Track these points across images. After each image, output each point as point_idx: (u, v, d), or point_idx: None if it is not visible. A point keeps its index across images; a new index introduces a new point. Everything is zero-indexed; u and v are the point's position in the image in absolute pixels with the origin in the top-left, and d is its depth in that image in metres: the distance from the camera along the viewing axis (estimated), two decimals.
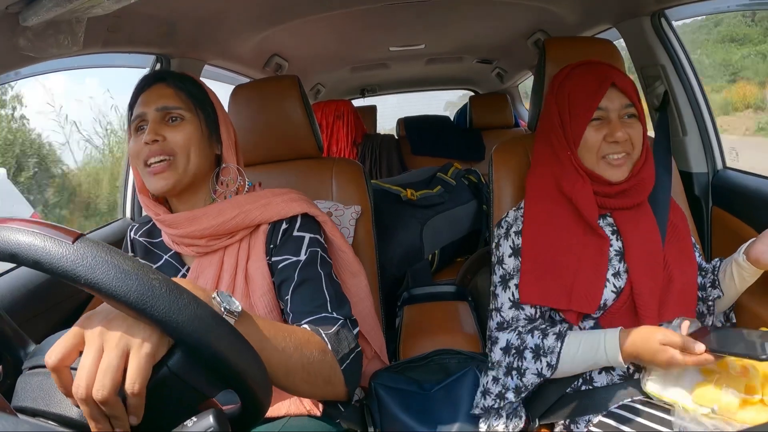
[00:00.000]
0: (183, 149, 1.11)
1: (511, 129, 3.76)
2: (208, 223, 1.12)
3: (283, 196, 1.19)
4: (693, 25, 2.91)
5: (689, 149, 1.80)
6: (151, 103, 1.12)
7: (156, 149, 1.10)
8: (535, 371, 1.13)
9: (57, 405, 0.60)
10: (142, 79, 1.17)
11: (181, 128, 1.12)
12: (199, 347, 0.58)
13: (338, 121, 3.43)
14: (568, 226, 1.21)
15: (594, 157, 1.20)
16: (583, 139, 1.20)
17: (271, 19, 2.04)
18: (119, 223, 1.92)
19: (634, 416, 1.07)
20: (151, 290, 0.55)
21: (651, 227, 1.22)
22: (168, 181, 1.10)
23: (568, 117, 1.22)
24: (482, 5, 2.25)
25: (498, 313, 1.24)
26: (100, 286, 0.54)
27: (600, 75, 1.21)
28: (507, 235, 1.28)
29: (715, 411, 0.98)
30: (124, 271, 0.55)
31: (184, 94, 1.14)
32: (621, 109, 1.19)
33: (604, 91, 1.18)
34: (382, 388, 1.26)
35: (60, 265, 0.54)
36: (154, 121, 1.11)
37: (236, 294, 1.12)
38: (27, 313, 1.29)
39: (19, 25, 1.03)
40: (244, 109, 1.56)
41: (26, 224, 0.56)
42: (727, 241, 1.65)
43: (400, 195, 2.18)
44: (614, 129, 1.17)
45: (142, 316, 0.56)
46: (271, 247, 1.16)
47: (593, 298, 1.17)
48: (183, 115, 1.13)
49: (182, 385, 0.61)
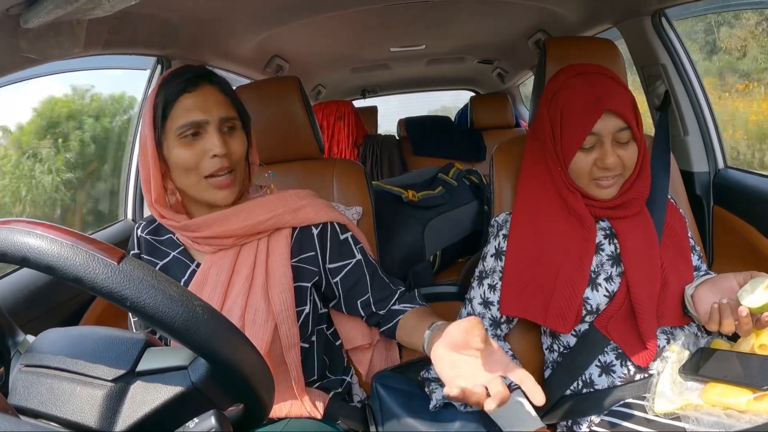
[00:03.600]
0: (241, 161, 1.11)
1: (512, 129, 3.76)
2: (239, 224, 1.11)
3: (311, 201, 1.21)
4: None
5: (690, 148, 1.80)
6: (210, 109, 1.05)
7: (225, 163, 1.06)
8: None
9: (70, 411, 0.60)
10: (183, 77, 1.07)
11: (238, 139, 1.10)
12: (230, 369, 0.60)
13: (339, 122, 3.43)
14: (552, 239, 1.20)
15: (585, 179, 1.18)
16: (573, 161, 1.16)
17: (271, 20, 2.04)
18: (121, 225, 1.92)
19: (638, 413, 1.06)
20: (195, 317, 0.57)
21: (648, 230, 1.21)
22: (233, 195, 1.10)
23: (559, 135, 1.18)
24: (483, 5, 2.25)
25: (469, 303, 1.29)
26: (146, 310, 0.55)
27: (594, 97, 1.13)
28: (496, 236, 1.29)
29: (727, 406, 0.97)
30: (171, 297, 0.56)
31: (232, 100, 1.11)
32: (615, 132, 1.13)
33: (596, 117, 1.11)
34: (383, 388, 1.25)
35: (105, 285, 0.54)
36: (214, 133, 1.05)
37: (255, 286, 1.13)
38: (29, 313, 1.29)
39: (20, 27, 1.03)
40: None
41: (64, 235, 0.55)
42: (728, 240, 1.65)
43: (401, 196, 2.18)
44: (605, 155, 1.13)
45: (182, 340, 0.57)
46: (318, 252, 1.20)
47: (567, 318, 1.15)
48: (236, 124, 1.10)
49: (200, 398, 0.62)
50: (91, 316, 1.48)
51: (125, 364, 0.63)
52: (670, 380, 1.04)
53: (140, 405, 0.61)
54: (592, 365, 1.17)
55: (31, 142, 2.58)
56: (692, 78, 1.80)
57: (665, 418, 1.02)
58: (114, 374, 0.62)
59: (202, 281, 1.12)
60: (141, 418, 0.60)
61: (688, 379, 1.03)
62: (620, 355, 1.15)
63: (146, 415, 0.61)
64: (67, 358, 0.63)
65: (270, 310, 1.11)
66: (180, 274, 1.16)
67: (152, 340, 0.67)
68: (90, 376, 0.61)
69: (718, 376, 0.98)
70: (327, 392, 1.24)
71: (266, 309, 1.11)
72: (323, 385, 1.24)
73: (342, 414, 1.22)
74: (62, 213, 2.72)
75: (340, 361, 1.31)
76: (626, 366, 1.14)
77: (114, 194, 2.27)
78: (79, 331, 0.70)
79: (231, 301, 1.11)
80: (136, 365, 0.63)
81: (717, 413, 0.96)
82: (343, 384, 1.29)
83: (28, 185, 2.51)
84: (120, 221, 1.98)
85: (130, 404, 0.61)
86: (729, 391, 0.97)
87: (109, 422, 0.60)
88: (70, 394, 0.61)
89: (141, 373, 0.63)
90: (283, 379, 1.14)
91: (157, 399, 0.61)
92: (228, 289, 1.12)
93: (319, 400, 1.18)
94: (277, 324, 1.11)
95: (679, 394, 1.02)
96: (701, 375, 1.01)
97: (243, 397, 0.65)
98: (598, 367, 1.16)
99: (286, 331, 1.12)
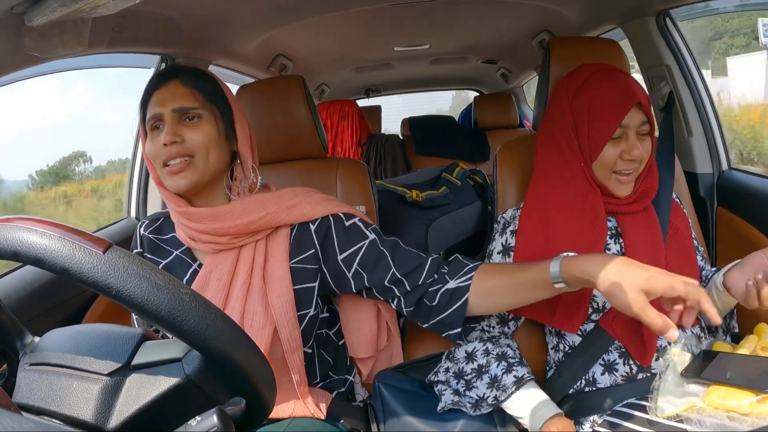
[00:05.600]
0: (202, 149, 1.10)
1: (515, 129, 3.76)
2: (233, 222, 1.11)
3: (307, 197, 1.19)
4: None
5: (694, 150, 1.80)
6: (167, 102, 1.10)
7: (175, 151, 1.09)
8: (480, 395, 1.15)
9: (68, 405, 0.60)
10: (154, 77, 1.15)
11: (199, 127, 1.10)
12: (222, 359, 0.59)
13: (343, 122, 3.43)
14: (561, 237, 1.21)
15: (607, 172, 1.20)
16: (601, 154, 1.19)
17: (276, 19, 2.04)
18: (124, 223, 1.93)
19: (640, 413, 1.06)
20: (181, 305, 0.56)
21: (653, 229, 1.21)
22: (187, 180, 1.10)
23: (586, 129, 1.20)
24: (487, 5, 2.25)
25: None
26: (131, 299, 0.54)
27: (625, 91, 1.18)
28: (502, 232, 1.29)
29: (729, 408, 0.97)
30: (156, 285, 0.55)
31: (199, 91, 1.12)
32: (639, 126, 1.18)
33: (628, 109, 1.16)
34: (386, 387, 1.26)
35: (90, 275, 0.54)
36: (171, 122, 1.09)
37: (252, 291, 1.12)
38: (32, 311, 1.29)
39: (24, 26, 1.04)
40: (249, 109, 1.56)
41: (53, 228, 0.55)
42: (732, 242, 1.64)
43: (405, 196, 2.18)
44: (632, 147, 1.17)
45: (169, 329, 0.57)
46: (319, 249, 1.17)
47: (575, 318, 1.17)
48: (200, 113, 1.11)
49: (197, 392, 0.62)
50: (93, 313, 1.48)
51: (120, 357, 0.63)
52: (673, 383, 1.04)
53: (135, 398, 0.61)
54: (596, 364, 1.17)
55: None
56: (696, 79, 1.80)
57: (668, 420, 1.02)
58: (109, 368, 0.62)
59: (203, 286, 1.12)
60: (136, 412, 0.60)
61: (690, 382, 1.02)
62: (623, 354, 1.15)
63: (141, 408, 0.61)
64: (67, 354, 0.64)
65: (268, 314, 1.11)
66: (182, 273, 1.17)
67: (150, 334, 0.67)
68: (87, 370, 0.62)
69: (720, 379, 0.97)
70: (330, 392, 1.24)
71: (264, 313, 1.11)
72: (326, 385, 1.25)
73: (345, 414, 1.22)
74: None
75: (343, 361, 1.31)
76: (629, 365, 1.15)
77: None
78: (80, 329, 0.70)
79: (230, 306, 1.11)
80: (132, 359, 0.63)
81: (719, 416, 0.95)
82: (345, 383, 1.29)
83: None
84: (123, 219, 1.99)
85: (126, 398, 0.61)
86: (731, 394, 0.96)
87: (104, 416, 0.60)
88: (67, 390, 0.61)
89: (136, 367, 0.63)
90: (286, 381, 1.14)
91: (152, 392, 0.61)
92: (228, 294, 1.12)
93: (322, 400, 1.18)
94: (276, 328, 1.11)
95: (682, 396, 1.02)
96: (704, 378, 1.00)
97: (240, 390, 0.65)
98: (602, 365, 1.16)
99: (287, 334, 1.11)
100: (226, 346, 0.59)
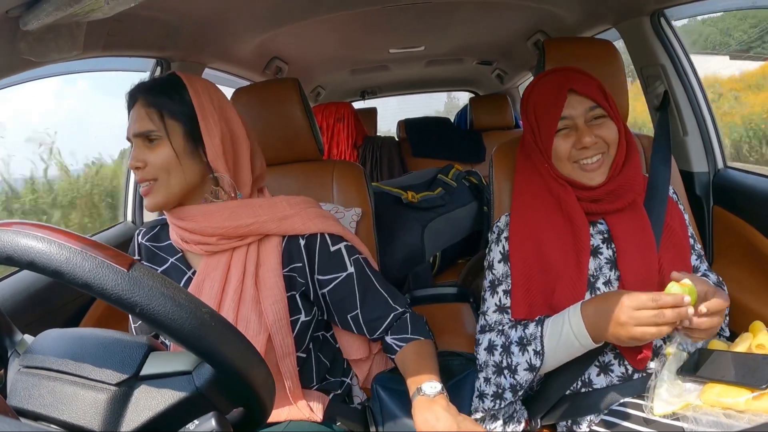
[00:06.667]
0: (162, 172, 1.09)
1: (511, 130, 3.76)
2: (222, 223, 1.11)
3: (302, 210, 1.18)
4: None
5: (690, 149, 1.80)
6: (130, 127, 1.11)
7: (140, 175, 1.10)
8: (525, 365, 1.13)
9: (72, 414, 0.60)
10: (127, 96, 1.15)
11: (157, 150, 1.09)
12: (236, 375, 0.61)
13: (339, 124, 3.43)
14: (549, 239, 1.21)
15: (568, 165, 1.21)
16: (553, 149, 1.21)
17: (271, 21, 2.04)
18: (120, 227, 1.93)
19: (637, 412, 1.06)
20: (202, 324, 0.57)
21: (645, 231, 1.21)
22: (155, 201, 1.11)
23: (537, 130, 1.24)
24: (482, 6, 2.25)
25: (483, 316, 1.28)
26: (154, 317, 0.55)
27: (557, 84, 1.21)
28: (498, 240, 1.30)
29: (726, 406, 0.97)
30: (180, 304, 0.56)
31: (156, 110, 1.09)
32: (586, 113, 1.19)
33: (562, 101, 1.19)
34: (384, 389, 1.25)
35: (114, 292, 0.54)
36: (136, 145, 1.11)
37: (245, 299, 1.12)
38: (30, 315, 1.29)
39: (19, 29, 1.03)
40: (245, 112, 1.55)
41: (74, 240, 0.55)
42: (728, 241, 1.65)
43: (400, 197, 2.19)
44: (581, 135, 1.18)
45: (189, 347, 0.58)
46: (306, 264, 1.17)
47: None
48: (157, 135, 1.09)
49: (203, 402, 0.63)
50: (91, 318, 1.48)
51: (129, 368, 0.63)
52: (668, 382, 1.04)
53: (144, 409, 0.61)
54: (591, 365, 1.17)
55: None
56: (691, 78, 1.80)
57: (664, 418, 1.02)
58: (118, 378, 0.62)
59: (197, 294, 1.11)
60: (144, 422, 0.60)
61: (686, 381, 1.03)
62: (618, 355, 1.15)
63: (150, 419, 0.61)
64: (69, 360, 0.63)
65: (262, 321, 1.11)
66: (177, 280, 1.16)
67: (155, 344, 0.67)
68: (93, 379, 0.61)
69: (716, 377, 0.98)
70: (327, 394, 1.24)
71: (258, 321, 1.10)
72: (323, 387, 1.24)
73: (342, 416, 1.22)
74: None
75: (340, 363, 1.31)
76: (624, 365, 1.15)
77: None
78: (80, 333, 0.69)
79: (223, 313, 1.10)
80: (140, 369, 0.63)
81: (716, 413, 0.96)
82: (342, 386, 1.29)
83: None
84: (120, 223, 1.98)
85: (134, 408, 0.61)
86: (727, 391, 0.96)
87: (112, 426, 0.60)
88: (72, 397, 0.61)
89: (145, 378, 0.63)
90: (280, 387, 1.13)
91: (162, 403, 0.61)
92: (221, 301, 1.11)
93: (319, 403, 1.18)
94: (270, 335, 1.11)
95: (678, 395, 1.02)
96: (699, 376, 1.01)
97: (246, 401, 0.66)
98: (597, 366, 1.16)
99: (280, 341, 1.12)
100: (241, 364, 0.61)
